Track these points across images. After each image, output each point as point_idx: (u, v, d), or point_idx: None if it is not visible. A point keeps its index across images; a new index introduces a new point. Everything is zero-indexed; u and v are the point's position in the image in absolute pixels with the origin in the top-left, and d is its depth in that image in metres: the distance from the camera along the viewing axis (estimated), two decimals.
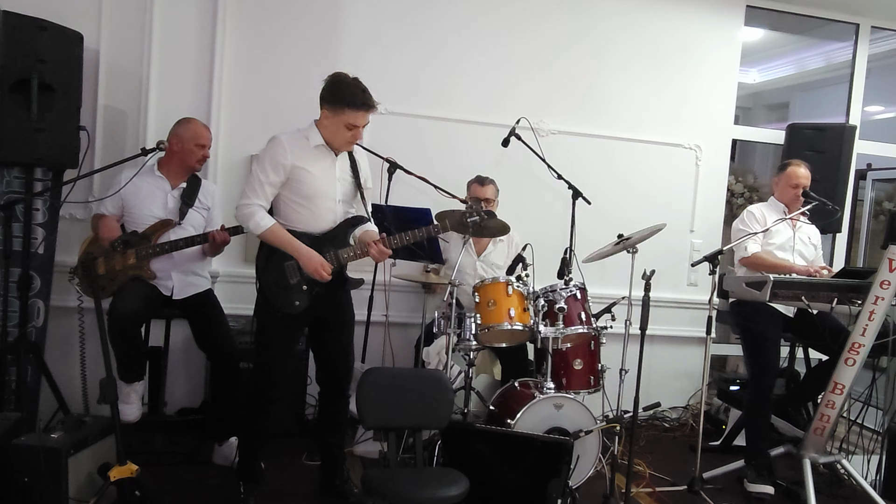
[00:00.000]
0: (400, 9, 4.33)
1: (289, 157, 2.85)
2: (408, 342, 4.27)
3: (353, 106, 2.83)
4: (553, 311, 3.52)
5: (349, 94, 2.84)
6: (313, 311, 2.99)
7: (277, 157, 2.85)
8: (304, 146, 2.90)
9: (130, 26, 3.92)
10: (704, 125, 4.86)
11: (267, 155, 2.88)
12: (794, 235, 3.93)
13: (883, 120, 6.23)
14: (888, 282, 3.21)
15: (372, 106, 2.89)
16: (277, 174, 2.86)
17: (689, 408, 4.84)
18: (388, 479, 2.62)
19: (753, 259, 3.78)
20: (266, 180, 2.86)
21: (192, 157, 3.48)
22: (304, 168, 2.88)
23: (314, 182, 2.90)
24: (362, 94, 2.85)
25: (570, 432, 3.26)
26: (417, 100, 4.37)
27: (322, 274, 2.87)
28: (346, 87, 2.85)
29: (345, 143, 2.94)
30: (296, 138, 2.91)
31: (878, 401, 3.85)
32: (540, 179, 4.19)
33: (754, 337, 3.78)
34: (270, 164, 2.86)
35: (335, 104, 2.84)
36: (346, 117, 2.84)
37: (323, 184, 2.93)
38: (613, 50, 4.68)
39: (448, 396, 2.91)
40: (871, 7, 4.92)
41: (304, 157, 2.89)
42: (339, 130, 2.88)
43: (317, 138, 2.92)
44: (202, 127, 3.55)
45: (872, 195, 5.44)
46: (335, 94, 2.85)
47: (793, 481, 3.64)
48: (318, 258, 2.87)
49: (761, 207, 4.01)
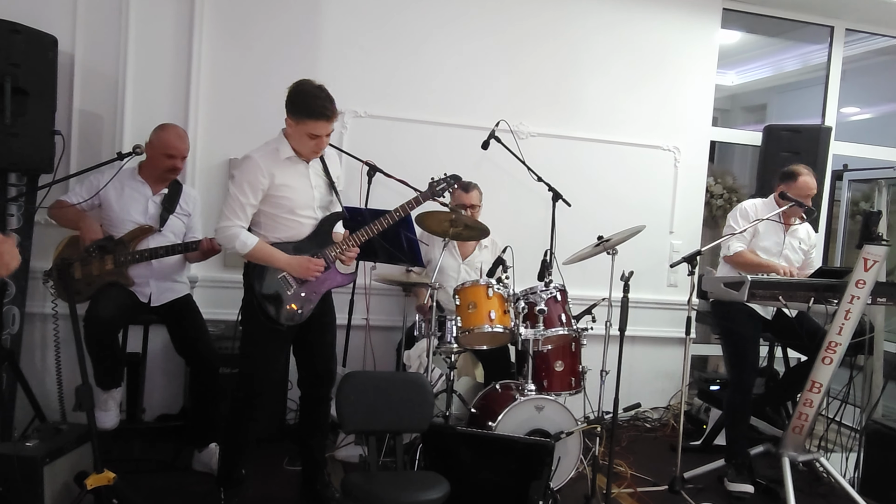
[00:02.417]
0: (377, 10, 4.32)
1: (266, 176, 2.86)
2: (389, 345, 4.26)
3: (312, 116, 2.80)
4: (533, 313, 3.53)
5: (309, 104, 2.81)
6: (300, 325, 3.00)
7: (255, 178, 2.85)
8: (276, 160, 2.90)
9: (106, 29, 3.88)
10: (683, 127, 4.90)
11: (244, 176, 2.87)
12: (784, 240, 3.91)
13: (859, 121, 6.31)
14: (863, 281, 3.25)
15: (332, 115, 2.84)
16: (256, 195, 2.87)
17: (671, 408, 4.87)
18: (368, 483, 2.61)
19: (736, 258, 3.80)
20: (246, 201, 2.86)
21: (161, 165, 3.43)
22: (281, 183, 2.89)
23: (293, 195, 2.92)
24: (322, 103, 2.81)
25: (552, 434, 3.28)
26: (397, 102, 4.37)
27: (313, 272, 2.91)
28: (306, 97, 2.82)
29: (310, 152, 2.94)
30: (268, 153, 2.91)
31: (855, 398, 3.89)
32: (520, 182, 4.20)
33: (733, 337, 3.81)
34: (249, 186, 2.85)
35: (296, 114, 2.84)
36: (307, 127, 2.83)
37: (301, 195, 2.94)
38: (592, 53, 4.70)
39: (428, 399, 2.91)
40: (845, 10, 4.99)
41: (278, 171, 2.89)
42: (303, 140, 2.87)
43: (287, 150, 2.92)
44: (175, 136, 3.45)
45: (849, 195, 5.50)
46: (296, 103, 2.84)
47: (772, 479, 3.67)
48: (303, 260, 2.90)
49: (756, 205, 3.97)
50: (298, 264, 2.90)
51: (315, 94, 2.82)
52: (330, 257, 2.99)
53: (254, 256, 2.90)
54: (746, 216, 3.88)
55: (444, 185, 3.22)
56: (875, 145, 5.41)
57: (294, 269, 2.91)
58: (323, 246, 2.99)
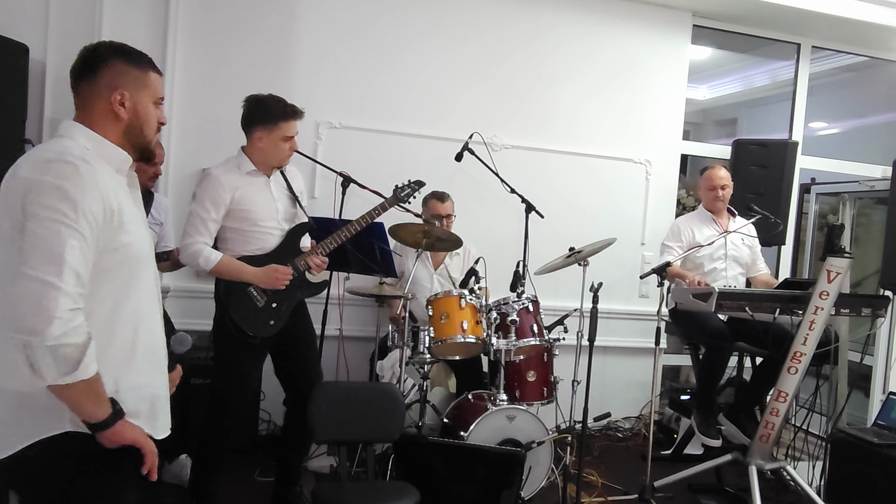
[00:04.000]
0: (352, 22, 4.35)
1: (227, 190, 2.89)
2: (363, 356, 4.26)
3: (284, 117, 2.90)
4: (506, 323, 3.56)
5: (279, 109, 2.92)
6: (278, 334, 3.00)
7: (216, 193, 2.88)
8: (237, 175, 2.94)
9: (78, 38, 3.79)
10: (654, 140, 4.98)
11: (205, 192, 2.90)
12: (725, 241, 4.02)
13: (826, 136, 6.45)
14: (827, 292, 3.31)
15: (301, 113, 2.97)
16: (218, 210, 2.89)
17: (642, 417, 4.92)
18: (339, 493, 2.62)
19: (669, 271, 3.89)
20: (208, 217, 2.88)
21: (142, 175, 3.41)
22: (243, 197, 2.93)
23: (254, 208, 2.95)
24: (287, 105, 2.93)
25: (523, 443, 3.30)
26: (372, 113, 4.40)
27: (280, 280, 2.92)
28: (269, 104, 2.92)
29: (285, 157, 2.99)
30: (228, 169, 2.95)
31: (822, 407, 3.96)
32: (494, 193, 4.24)
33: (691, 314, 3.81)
34: (210, 201, 2.88)
35: (268, 121, 2.90)
36: (282, 130, 2.90)
37: (263, 208, 2.97)
38: (565, 66, 4.77)
39: (400, 409, 2.92)
40: (811, 28, 5.11)
41: (240, 185, 2.93)
42: (278, 146, 2.93)
43: (247, 164, 2.96)
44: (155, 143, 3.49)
45: (817, 208, 5.61)
46: (265, 112, 2.91)
47: (740, 488, 3.72)
48: (269, 269, 2.91)
49: (688, 220, 4.14)
50: (265, 274, 2.91)
51: (276, 99, 2.94)
52: (298, 266, 2.99)
53: (219, 272, 2.90)
54: (678, 235, 4.06)
55: (409, 190, 3.29)
56: (841, 160, 5.53)
57: (261, 279, 2.91)
58: (291, 257, 3.01)
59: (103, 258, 1.56)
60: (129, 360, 1.64)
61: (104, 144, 1.67)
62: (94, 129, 1.67)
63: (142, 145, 1.76)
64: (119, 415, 1.57)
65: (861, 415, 4.78)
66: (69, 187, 1.50)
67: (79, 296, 1.47)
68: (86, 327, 1.47)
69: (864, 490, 3.45)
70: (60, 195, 1.49)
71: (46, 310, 1.42)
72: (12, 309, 1.44)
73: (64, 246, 1.46)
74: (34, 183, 1.50)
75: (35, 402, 1.52)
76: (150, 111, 1.76)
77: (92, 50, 1.71)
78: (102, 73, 1.69)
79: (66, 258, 1.46)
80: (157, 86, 1.77)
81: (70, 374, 1.45)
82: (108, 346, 1.58)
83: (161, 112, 1.80)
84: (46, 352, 1.42)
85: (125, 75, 1.70)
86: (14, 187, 1.52)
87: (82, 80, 1.70)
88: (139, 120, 1.73)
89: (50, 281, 1.44)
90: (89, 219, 1.51)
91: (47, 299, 1.42)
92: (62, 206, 1.48)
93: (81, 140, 1.64)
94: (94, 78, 1.69)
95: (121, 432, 1.58)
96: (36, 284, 1.43)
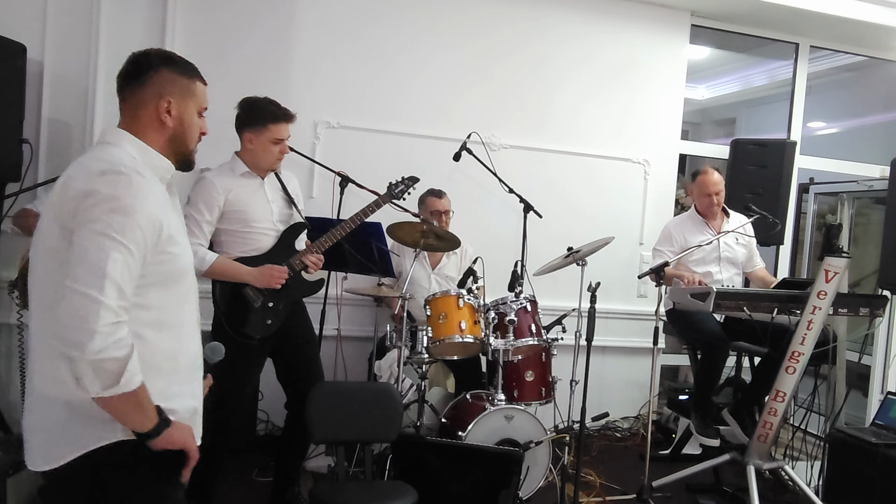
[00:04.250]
0: (351, 23, 4.35)
1: (221, 192, 2.91)
2: (361, 356, 4.26)
3: (275, 120, 2.91)
4: (504, 323, 3.56)
5: (269, 111, 2.94)
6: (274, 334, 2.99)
7: (209, 195, 2.90)
8: (230, 177, 2.97)
9: (76, 38, 3.86)
10: (652, 140, 4.98)
11: (199, 195, 2.92)
12: (718, 244, 4.00)
13: (825, 135, 6.45)
14: (825, 292, 3.32)
15: (292, 116, 2.97)
16: (212, 212, 2.91)
17: (641, 417, 4.92)
18: (337, 493, 2.62)
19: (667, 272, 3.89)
20: (202, 219, 2.90)
21: None
22: (236, 199, 2.94)
23: (248, 209, 2.96)
24: (279, 108, 2.95)
25: (521, 443, 3.30)
26: (370, 113, 4.39)
27: (276, 280, 2.92)
28: (261, 106, 2.94)
29: (274, 160, 3.00)
30: (221, 172, 2.99)
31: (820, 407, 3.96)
32: (492, 193, 4.24)
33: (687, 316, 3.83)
34: (204, 204, 2.90)
35: (258, 124, 2.92)
36: (271, 133, 2.92)
37: (257, 209, 2.98)
38: (563, 66, 4.77)
39: (397, 409, 2.92)
40: (809, 28, 5.11)
41: (233, 187, 2.95)
42: (267, 148, 2.95)
43: (241, 167, 2.99)
44: None
45: (815, 208, 5.61)
46: (255, 114, 2.94)
47: (738, 488, 3.72)
48: (265, 269, 2.92)
49: (679, 223, 4.12)
50: (261, 274, 2.92)
51: (268, 101, 2.96)
52: (294, 265, 3.00)
53: (215, 273, 2.91)
54: (669, 239, 4.04)
55: (403, 187, 3.31)
56: (840, 159, 5.53)
57: (257, 279, 2.92)
58: (287, 256, 3.02)
59: (152, 270, 1.56)
60: (173, 371, 1.65)
61: (149, 153, 1.68)
62: (139, 136, 1.67)
63: (184, 154, 1.77)
64: (166, 423, 1.58)
65: (859, 414, 4.78)
66: (122, 199, 1.50)
67: (121, 309, 1.46)
68: (128, 340, 1.47)
69: (863, 490, 3.45)
70: (112, 207, 1.49)
71: (87, 324, 1.42)
72: (57, 322, 1.44)
73: (107, 259, 1.45)
74: (87, 194, 1.50)
75: (86, 412, 1.52)
76: (195, 121, 1.77)
77: (141, 56, 1.71)
78: (150, 81, 1.68)
79: (109, 271, 1.45)
80: (203, 95, 1.79)
81: (112, 387, 1.45)
82: (154, 357, 1.58)
83: (203, 122, 1.80)
84: (88, 366, 1.42)
85: (173, 84, 1.71)
86: (67, 198, 1.52)
87: (129, 86, 1.69)
88: (184, 129, 1.74)
89: (92, 295, 1.43)
90: (140, 232, 1.51)
91: (89, 313, 1.42)
92: (111, 218, 1.48)
93: (129, 148, 1.64)
94: (141, 85, 1.68)
95: (170, 438, 1.59)
96: (78, 298, 1.43)
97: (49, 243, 1.54)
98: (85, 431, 1.54)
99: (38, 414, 1.59)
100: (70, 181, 1.54)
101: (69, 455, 1.54)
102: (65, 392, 1.51)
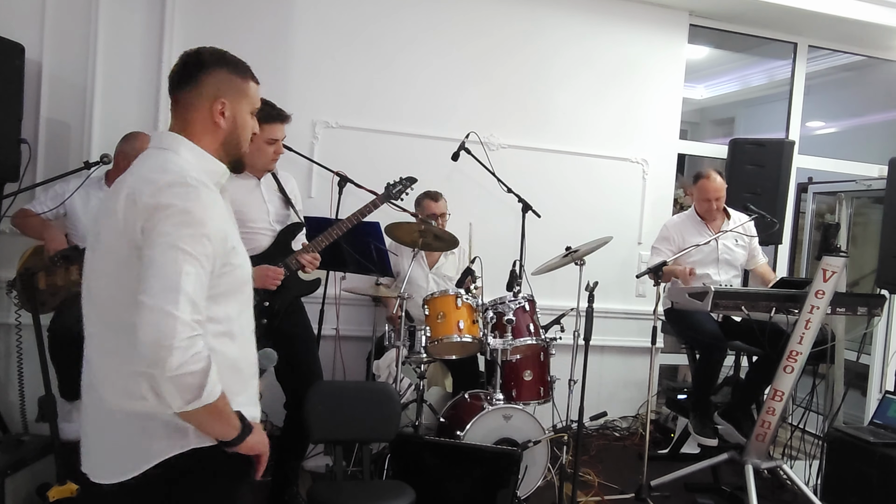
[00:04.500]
0: (350, 23, 4.35)
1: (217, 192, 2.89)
2: (359, 355, 4.26)
3: (269, 120, 2.88)
4: (502, 322, 3.56)
5: (263, 112, 2.88)
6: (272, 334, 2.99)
7: None
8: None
9: (74, 38, 3.87)
10: (651, 140, 4.98)
11: None
12: (716, 246, 4.01)
13: (824, 135, 6.46)
14: (823, 291, 3.32)
15: (287, 117, 2.97)
16: None
17: (639, 417, 4.92)
18: (335, 493, 2.62)
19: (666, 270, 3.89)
20: None
21: None
22: (232, 198, 2.89)
23: (244, 209, 2.94)
24: (274, 109, 2.93)
25: (519, 443, 3.30)
26: (369, 113, 4.40)
27: (272, 280, 2.91)
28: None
29: (269, 160, 2.99)
30: None
31: (818, 406, 3.97)
32: (491, 193, 4.25)
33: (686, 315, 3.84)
34: None
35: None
36: (265, 133, 2.89)
37: (253, 209, 2.98)
38: (561, 65, 4.77)
39: (395, 409, 2.92)
40: (808, 27, 5.11)
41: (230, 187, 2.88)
42: (262, 149, 2.93)
43: None
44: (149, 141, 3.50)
45: (814, 208, 5.62)
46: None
47: (736, 487, 3.72)
48: (261, 269, 2.90)
49: (678, 223, 4.14)
50: (257, 274, 2.88)
51: (263, 101, 2.90)
52: (290, 265, 2.99)
53: None
54: (668, 238, 4.06)
55: (401, 187, 3.30)
56: (838, 159, 5.53)
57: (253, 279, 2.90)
58: (283, 257, 3.01)
59: (218, 282, 1.55)
60: (237, 381, 1.63)
61: (205, 158, 1.65)
62: (193, 139, 1.64)
63: (237, 156, 1.74)
64: (249, 430, 1.57)
65: (858, 414, 4.78)
66: (193, 212, 1.48)
67: (195, 323, 1.44)
68: (206, 352, 1.44)
69: (861, 489, 3.46)
70: (183, 220, 1.47)
71: (165, 340, 1.39)
72: (133, 338, 1.42)
73: (180, 273, 1.43)
74: (157, 208, 1.47)
75: (160, 423, 1.52)
76: (248, 122, 1.72)
77: (193, 56, 1.66)
78: (204, 81, 1.64)
79: (182, 285, 1.43)
80: (255, 95, 1.74)
81: (194, 401, 1.43)
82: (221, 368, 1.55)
83: (255, 123, 1.76)
84: (169, 382, 1.40)
85: (227, 84, 1.66)
86: (135, 212, 1.48)
87: (182, 87, 1.65)
88: (237, 130, 1.70)
89: (167, 310, 1.41)
90: (210, 244, 1.49)
91: (166, 329, 1.40)
92: (183, 232, 1.46)
93: (186, 154, 1.61)
94: (195, 86, 1.64)
95: (251, 443, 1.58)
96: (154, 314, 1.41)
97: (117, 258, 1.51)
98: (159, 442, 1.53)
99: (107, 427, 1.57)
100: (136, 195, 1.49)
101: (143, 465, 1.53)
102: (139, 406, 1.49)
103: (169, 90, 1.67)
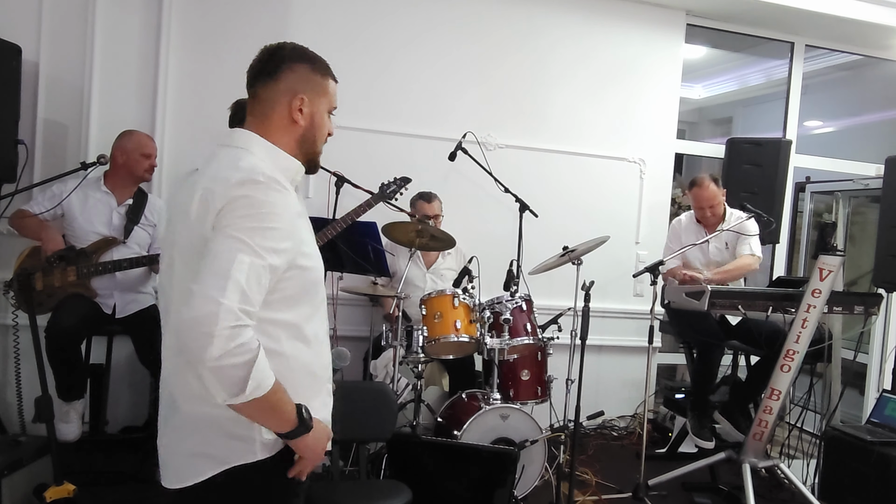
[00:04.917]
0: (348, 25, 4.35)
1: None
2: (356, 355, 4.24)
3: None
4: (499, 322, 3.57)
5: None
6: None
7: None
8: None
9: (71, 39, 3.87)
10: (648, 139, 4.98)
11: None
12: (707, 248, 4.03)
13: (822, 134, 6.46)
14: (819, 290, 3.33)
15: None
16: None
17: (637, 416, 4.92)
18: (331, 493, 2.61)
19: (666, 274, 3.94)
20: None
21: (139, 167, 3.45)
22: None
23: None
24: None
25: (517, 442, 3.30)
26: (366, 114, 4.39)
27: None
28: None
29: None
30: None
31: (816, 405, 3.97)
32: (488, 193, 4.25)
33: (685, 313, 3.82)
34: None
35: None
36: None
37: None
38: (559, 67, 4.77)
39: (392, 408, 2.92)
40: (805, 27, 5.12)
41: None
42: None
43: None
44: (146, 137, 3.53)
45: (811, 207, 5.62)
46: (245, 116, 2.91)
47: (734, 486, 3.72)
48: None
49: (682, 227, 4.17)
50: None
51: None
52: None
53: None
54: (674, 235, 4.13)
55: (395, 187, 3.30)
56: (835, 158, 5.54)
57: None
58: None
59: (288, 285, 1.51)
60: (312, 385, 1.61)
61: (280, 156, 1.61)
62: (269, 137, 1.61)
63: (312, 155, 1.69)
64: (306, 429, 1.52)
65: (855, 412, 4.79)
66: (258, 206, 1.44)
67: (243, 313, 1.37)
68: (252, 344, 1.37)
69: (858, 488, 3.46)
70: (247, 214, 1.43)
71: (205, 326, 1.33)
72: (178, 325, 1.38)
73: (233, 261, 1.38)
74: (227, 204, 1.43)
75: (227, 428, 1.49)
76: (325, 120, 1.68)
77: (274, 51, 1.64)
78: (284, 77, 1.62)
79: (233, 273, 1.37)
80: (334, 94, 1.70)
81: (239, 395, 1.37)
82: (295, 373, 1.53)
83: (331, 122, 1.71)
84: (210, 373, 1.35)
85: (307, 81, 1.63)
86: (209, 212, 1.45)
87: (261, 82, 1.63)
88: (314, 129, 1.66)
89: (212, 295, 1.35)
90: (274, 239, 1.44)
91: (209, 315, 1.34)
92: (244, 224, 1.42)
93: (260, 152, 1.58)
94: (274, 81, 1.62)
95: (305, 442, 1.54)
96: (197, 299, 1.35)
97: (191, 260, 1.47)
98: (225, 448, 1.50)
99: (181, 430, 1.56)
100: (209, 195, 1.47)
101: (208, 472, 1.50)
102: (203, 405, 1.47)
103: (247, 84, 1.66)
